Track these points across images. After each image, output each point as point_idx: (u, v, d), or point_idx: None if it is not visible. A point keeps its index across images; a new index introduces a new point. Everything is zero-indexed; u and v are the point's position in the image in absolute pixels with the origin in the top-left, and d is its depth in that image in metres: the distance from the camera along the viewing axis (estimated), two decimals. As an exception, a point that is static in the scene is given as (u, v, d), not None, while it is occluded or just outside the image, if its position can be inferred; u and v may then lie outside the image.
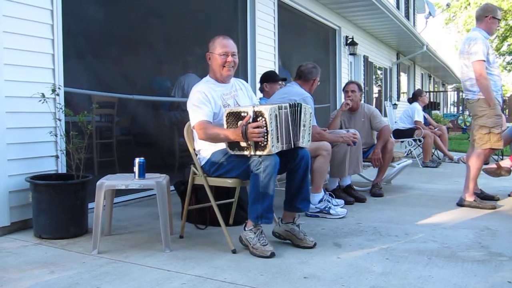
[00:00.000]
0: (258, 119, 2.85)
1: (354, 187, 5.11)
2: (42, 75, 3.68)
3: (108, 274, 2.63)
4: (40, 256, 2.96)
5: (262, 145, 2.86)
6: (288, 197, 3.24)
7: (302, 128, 3.10)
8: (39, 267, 2.76)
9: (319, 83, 4.42)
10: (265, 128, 2.83)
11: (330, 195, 4.21)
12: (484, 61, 4.24)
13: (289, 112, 3.03)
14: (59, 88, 3.70)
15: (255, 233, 3.00)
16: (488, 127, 4.33)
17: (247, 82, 6.29)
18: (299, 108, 3.09)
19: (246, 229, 3.07)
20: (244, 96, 3.38)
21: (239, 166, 3.02)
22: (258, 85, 6.33)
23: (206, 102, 3.13)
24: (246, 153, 2.93)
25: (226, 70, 3.23)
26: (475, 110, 4.41)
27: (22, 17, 3.52)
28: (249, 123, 2.84)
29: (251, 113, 2.86)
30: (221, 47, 3.21)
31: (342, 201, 4.29)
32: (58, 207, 3.33)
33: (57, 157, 3.76)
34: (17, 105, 3.50)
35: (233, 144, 2.96)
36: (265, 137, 2.84)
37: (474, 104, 4.40)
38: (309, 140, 3.18)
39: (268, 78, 5.07)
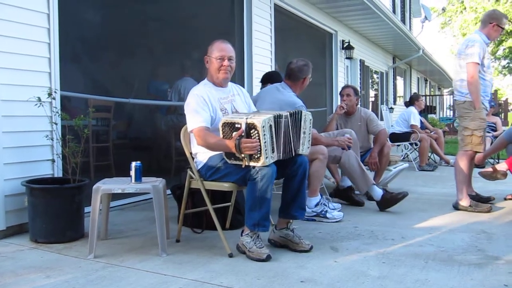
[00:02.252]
0: (251, 132, 2.84)
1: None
2: (38, 78, 3.67)
3: (104, 279, 2.62)
4: (36, 261, 2.95)
5: (256, 157, 2.86)
6: (283, 204, 3.23)
7: (302, 135, 3.11)
8: (35, 271, 2.74)
9: (311, 79, 4.21)
10: (258, 141, 2.82)
11: (327, 199, 4.21)
12: (478, 63, 4.27)
13: (289, 121, 3.03)
14: (55, 92, 3.69)
15: (251, 237, 3.00)
16: (471, 129, 4.38)
17: (243, 85, 6.35)
18: (299, 116, 3.10)
19: (243, 234, 3.07)
20: (241, 102, 3.38)
21: (236, 172, 3.01)
22: (255, 88, 6.35)
23: (205, 106, 3.13)
24: (241, 163, 2.93)
25: (222, 73, 3.23)
26: (461, 112, 4.47)
27: (18, 21, 3.52)
28: (242, 136, 2.84)
29: (243, 126, 2.84)
30: (218, 51, 3.21)
31: (339, 205, 4.29)
32: (54, 211, 3.32)
33: (53, 161, 3.75)
34: (13, 109, 3.49)
35: (229, 154, 2.97)
36: (259, 149, 2.83)
37: (461, 106, 4.46)
38: (308, 147, 3.19)
39: (272, 78, 4.82)
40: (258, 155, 2.84)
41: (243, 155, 2.87)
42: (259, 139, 2.82)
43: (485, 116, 4.44)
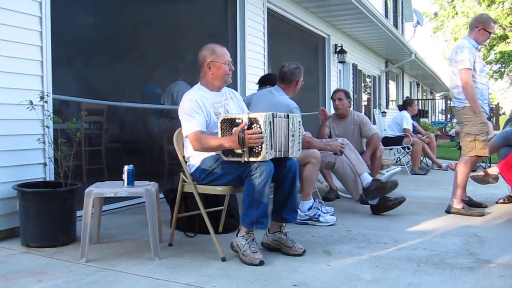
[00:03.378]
0: (253, 126, 2.86)
1: (341, 193, 5.14)
2: (30, 82, 3.65)
3: (96, 283, 2.61)
4: (27, 265, 2.93)
5: (257, 151, 2.86)
6: (275, 207, 3.23)
7: (291, 138, 3.10)
8: (26, 276, 2.72)
9: (303, 83, 4.25)
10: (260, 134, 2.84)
11: (319, 202, 4.22)
12: (470, 69, 4.29)
13: (283, 122, 3.04)
14: (47, 95, 3.68)
15: (246, 239, 3.00)
16: (473, 135, 4.38)
17: (236, 89, 6.35)
18: (287, 119, 3.10)
19: (238, 235, 3.06)
20: (234, 106, 3.38)
21: (232, 172, 3.01)
22: (248, 92, 6.35)
23: (199, 110, 3.12)
24: (240, 159, 2.92)
25: (229, 77, 3.27)
26: (461, 118, 4.47)
27: (10, 24, 3.50)
28: (245, 129, 2.85)
29: (246, 120, 2.87)
30: (225, 56, 3.24)
31: (332, 209, 4.29)
32: (45, 215, 3.30)
33: (45, 164, 3.73)
34: (4, 112, 3.46)
35: (227, 151, 2.97)
36: (261, 143, 2.85)
37: (460, 112, 4.46)
38: (299, 149, 3.18)
39: (270, 80, 4.82)
40: (259, 149, 2.86)
41: (244, 150, 2.87)
42: (260, 133, 2.84)
43: (486, 119, 4.45)
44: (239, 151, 2.90)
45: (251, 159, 2.89)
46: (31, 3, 3.65)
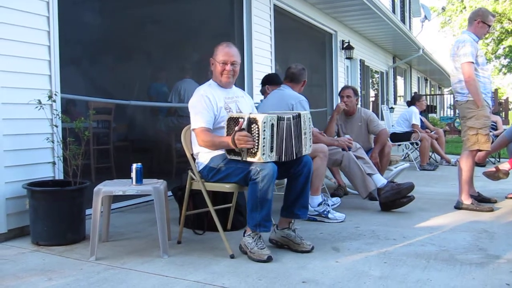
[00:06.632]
0: (252, 126, 2.87)
1: (350, 190, 5.12)
2: (38, 81, 3.68)
3: (106, 281, 2.62)
4: (38, 263, 2.95)
5: (253, 152, 2.88)
6: (286, 202, 3.24)
7: (303, 136, 3.12)
8: (37, 274, 2.75)
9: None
10: (257, 135, 2.84)
11: (324, 195, 4.22)
12: (472, 62, 4.27)
13: (292, 124, 3.04)
14: (55, 95, 3.69)
15: (253, 237, 3.01)
16: (476, 128, 4.35)
17: (244, 87, 6.36)
18: (299, 118, 3.10)
19: (245, 235, 3.07)
20: (246, 104, 3.40)
21: (238, 173, 3.02)
22: (255, 90, 6.35)
23: (209, 107, 3.16)
24: (239, 158, 2.95)
25: (224, 77, 3.27)
26: (464, 112, 4.44)
27: (18, 24, 3.52)
28: (243, 129, 2.87)
29: (246, 120, 2.88)
30: (222, 55, 3.25)
31: (339, 199, 4.30)
32: (55, 214, 3.32)
33: (54, 163, 3.75)
34: (13, 111, 3.49)
35: (230, 149, 3.00)
36: (257, 144, 2.85)
37: (463, 106, 4.43)
38: (310, 146, 3.20)
39: (271, 80, 4.88)
40: (255, 150, 2.86)
41: (242, 149, 2.90)
42: (258, 134, 2.84)
43: (489, 113, 4.43)
44: (238, 150, 2.93)
45: (249, 158, 2.91)
46: (38, 3, 3.67)
